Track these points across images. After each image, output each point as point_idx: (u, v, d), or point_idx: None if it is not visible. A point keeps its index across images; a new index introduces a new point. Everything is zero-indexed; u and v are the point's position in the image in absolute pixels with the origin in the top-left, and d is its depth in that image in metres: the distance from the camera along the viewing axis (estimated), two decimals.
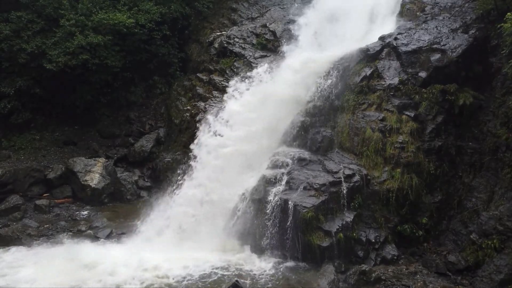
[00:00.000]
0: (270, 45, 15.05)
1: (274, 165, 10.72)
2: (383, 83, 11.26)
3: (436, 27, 11.89)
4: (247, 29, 15.78)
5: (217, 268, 9.37)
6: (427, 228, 10.12)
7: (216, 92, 14.41)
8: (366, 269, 8.74)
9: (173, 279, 9.01)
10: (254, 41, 15.26)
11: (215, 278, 9.04)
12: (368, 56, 11.83)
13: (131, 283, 8.83)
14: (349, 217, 9.62)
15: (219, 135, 11.81)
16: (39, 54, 13.77)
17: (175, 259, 9.63)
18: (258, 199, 10.15)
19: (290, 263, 9.51)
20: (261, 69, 13.00)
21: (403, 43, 11.59)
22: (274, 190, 10.06)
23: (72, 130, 15.35)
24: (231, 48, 15.20)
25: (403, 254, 9.76)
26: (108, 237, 11.04)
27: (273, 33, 15.31)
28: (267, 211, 9.84)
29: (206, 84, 15.01)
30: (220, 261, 9.66)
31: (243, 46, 15.21)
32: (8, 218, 11.65)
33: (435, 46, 11.25)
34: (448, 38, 11.39)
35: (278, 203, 9.75)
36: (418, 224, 10.07)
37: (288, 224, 9.51)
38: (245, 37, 15.50)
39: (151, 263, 9.44)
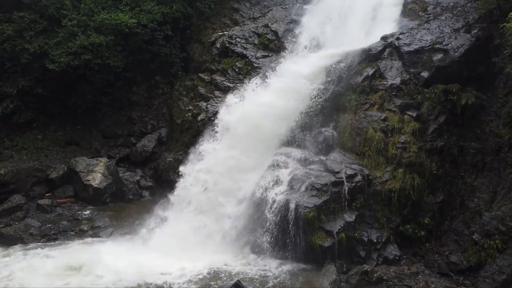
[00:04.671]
0: (272, 45, 15.05)
1: (276, 165, 10.71)
2: (385, 83, 11.23)
3: (438, 27, 11.86)
4: (249, 29, 15.78)
5: (218, 269, 9.36)
6: (429, 228, 10.09)
7: (218, 92, 14.42)
8: (368, 269, 8.71)
9: (173, 279, 8.99)
10: (256, 41, 15.26)
11: (217, 278, 9.03)
12: (370, 56, 11.80)
13: (131, 283, 8.82)
14: (351, 217, 9.60)
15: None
16: (42, 54, 13.80)
17: (175, 260, 9.61)
18: (259, 199, 10.13)
19: (291, 264, 9.50)
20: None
21: (405, 43, 11.57)
22: (275, 190, 10.05)
23: (74, 130, 15.37)
24: (233, 48, 15.21)
25: (405, 254, 9.73)
26: (110, 237, 11.06)
27: (275, 33, 15.30)
28: (269, 211, 9.82)
29: (208, 84, 15.03)
30: (221, 261, 9.65)
31: (245, 46, 15.21)
32: (10, 218, 11.67)
33: (437, 46, 11.22)
34: (450, 38, 11.35)
35: (280, 203, 9.73)
36: (420, 224, 10.04)
37: (289, 224, 9.49)
38: (247, 37, 15.51)
39: (151, 264, 9.43)
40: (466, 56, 10.96)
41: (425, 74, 11.01)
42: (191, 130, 13.99)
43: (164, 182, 13.50)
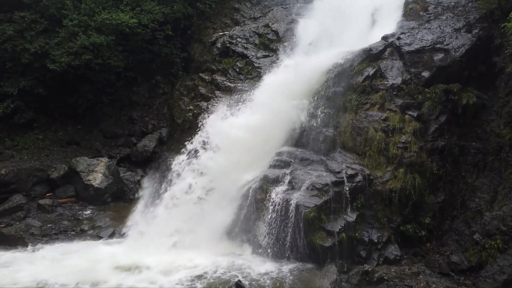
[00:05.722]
0: (273, 45, 15.05)
1: (277, 165, 10.70)
2: (386, 83, 11.23)
3: (439, 26, 11.86)
4: (250, 29, 15.79)
5: (218, 269, 9.33)
6: (430, 228, 10.08)
7: (218, 92, 14.42)
8: (369, 269, 8.71)
9: (173, 279, 8.98)
10: (257, 41, 15.27)
11: (217, 278, 9.02)
12: (371, 56, 11.80)
13: (131, 283, 8.81)
14: (351, 217, 9.59)
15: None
16: (42, 54, 13.81)
17: (176, 259, 9.61)
18: (260, 199, 10.12)
19: (292, 263, 9.48)
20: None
21: (406, 43, 11.56)
22: (276, 190, 10.04)
23: (75, 130, 15.39)
24: (234, 48, 15.21)
25: (405, 254, 9.72)
26: (111, 236, 11.06)
27: (276, 33, 15.31)
28: (269, 211, 9.81)
29: (208, 84, 15.03)
30: (221, 261, 9.61)
31: (245, 46, 15.22)
32: (11, 218, 11.67)
33: (438, 45, 11.21)
34: (451, 37, 11.35)
35: (280, 203, 9.72)
36: (421, 224, 10.03)
37: (290, 224, 9.49)
38: (248, 37, 15.51)
39: (151, 264, 9.42)
40: (467, 55, 10.96)
41: (426, 74, 11.00)
42: (192, 130, 13.95)
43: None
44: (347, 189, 9.74)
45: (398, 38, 11.75)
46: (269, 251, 9.76)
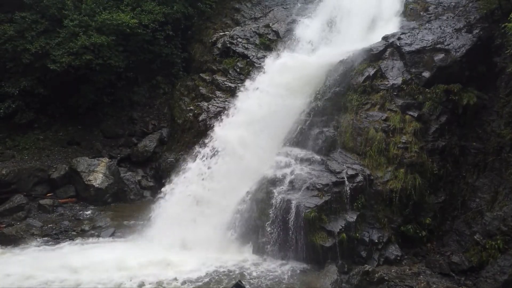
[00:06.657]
0: (273, 45, 15.05)
1: (277, 165, 10.70)
2: (387, 83, 11.23)
3: (439, 26, 11.85)
4: (250, 29, 15.79)
5: (219, 269, 9.35)
6: (431, 228, 10.09)
7: (219, 92, 14.45)
8: (369, 270, 8.71)
9: (174, 280, 8.99)
10: (257, 41, 15.28)
11: (218, 278, 9.03)
12: (372, 56, 11.79)
13: (132, 283, 8.82)
14: (352, 217, 9.59)
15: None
16: (43, 54, 13.82)
17: (176, 260, 9.61)
18: (260, 199, 10.13)
19: (292, 264, 9.49)
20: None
21: (406, 43, 11.56)
22: (277, 190, 10.03)
23: (76, 130, 15.41)
24: (234, 48, 15.22)
25: (406, 254, 9.73)
26: (111, 237, 11.06)
27: (276, 33, 15.32)
28: (270, 211, 9.81)
29: (209, 84, 15.04)
30: (222, 261, 9.64)
31: (246, 46, 15.23)
32: (12, 218, 11.69)
33: (438, 46, 11.21)
34: (452, 37, 11.34)
35: (281, 203, 9.72)
36: (421, 224, 10.04)
37: (290, 224, 9.49)
38: (248, 37, 15.52)
39: (152, 264, 9.42)
40: (468, 56, 10.95)
41: (426, 74, 11.00)
42: (192, 130, 14.01)
43: (165, 182, 13.48)
44: (347, 189, 9.74)
45: (399, 38, 11.75)
46: (270, 251, 9.77)
